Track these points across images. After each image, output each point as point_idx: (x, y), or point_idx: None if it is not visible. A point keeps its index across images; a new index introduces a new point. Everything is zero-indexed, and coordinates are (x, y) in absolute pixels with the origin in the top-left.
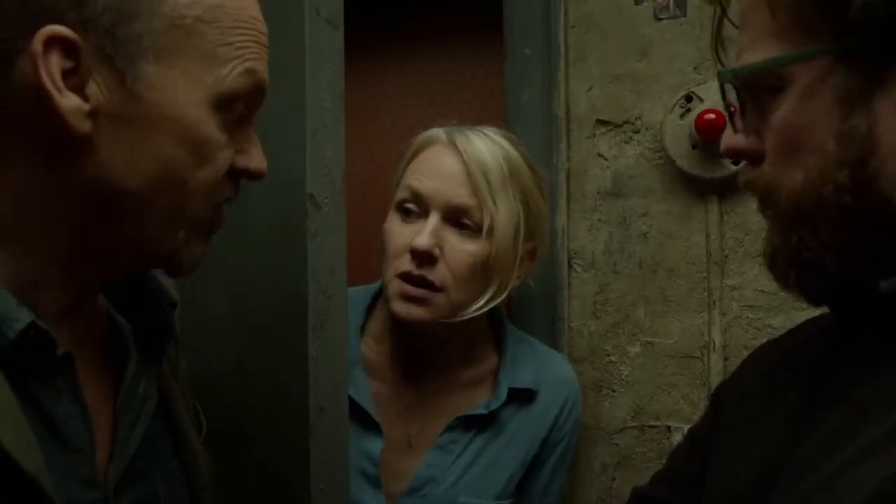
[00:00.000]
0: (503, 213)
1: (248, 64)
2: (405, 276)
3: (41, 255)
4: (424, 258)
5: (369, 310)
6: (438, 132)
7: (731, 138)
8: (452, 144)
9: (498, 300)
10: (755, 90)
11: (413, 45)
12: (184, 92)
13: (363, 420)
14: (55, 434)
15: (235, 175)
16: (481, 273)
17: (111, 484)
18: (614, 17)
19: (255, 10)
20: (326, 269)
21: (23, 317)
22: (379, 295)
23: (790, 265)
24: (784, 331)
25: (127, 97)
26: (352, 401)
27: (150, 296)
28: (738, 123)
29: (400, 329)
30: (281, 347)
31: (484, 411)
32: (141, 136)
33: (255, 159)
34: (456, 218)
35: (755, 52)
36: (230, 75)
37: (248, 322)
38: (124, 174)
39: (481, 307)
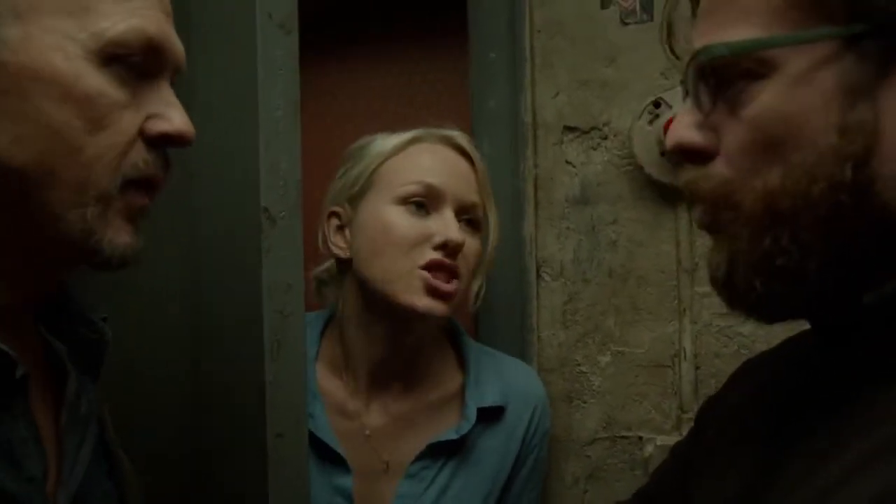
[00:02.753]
0: (494, 213)
1: (133, 20)
2: (436, 266)
3: None
4: (456, 252)
5: (321, 336)
6: (419, 131)
7: (684, 131)
8: (450, 142)
9: (480, 299)
10: (727, 77)
11: (375, 50)
12: (55, 50)
13: (328, 456)
14: (13, 461)
15: (154, 142)
16: (480, 270)
17: None
18: (581, 22)
19: None
20: (283, 287)
21: None
22: (330, 321)
23: (758, 273)
24: (755, 338)
25: None
26: (315, 437)
27: (76, 312)
28: (688, 118)
29: (367, 346)
30: (236, 370)
31: (455, 436)
32: (18, 104)
33: (175, 121)
34: (464, 214)
35: (737, 30)
36: (112, 28)
37: (202, 344)
38: (10, 148)
39: (477, 299)
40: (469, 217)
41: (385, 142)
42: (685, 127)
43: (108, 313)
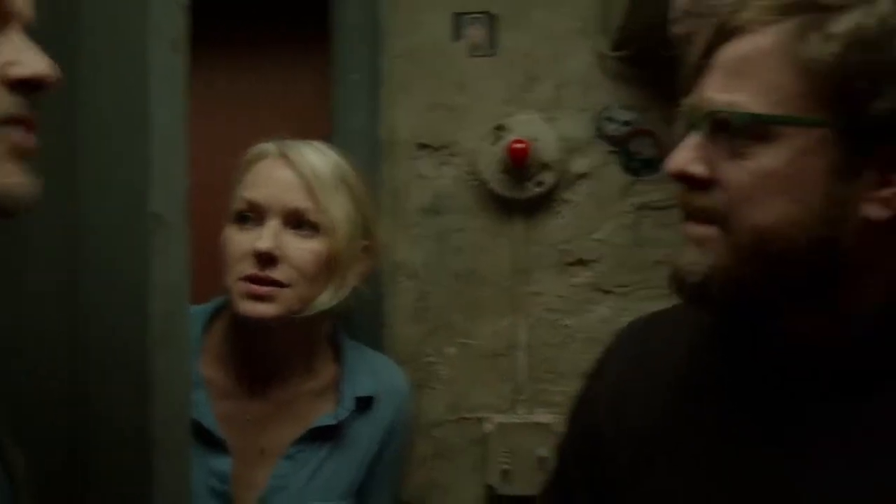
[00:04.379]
0: (337, 212)
1: None
2: (250, 278)
3: None
4: (267, 259)
5: (207, 328)
6: (269, 146)
7: (685, 162)
8: (283, 156)
9: (342, 295)
10: (738, 131)
11: (244, 63)
12: None
13: (208, 440)
14: None
15: (15, 87)
16: (325, 269)
17: None
18: (434, 51)
19: None
20: (170, 287)
21: None
22: (217, 313)
23: (731, 289)
24: (577, 329)
25: None
26: (196, 422)
27: None
28: (691, 151)
29: (243, 341)
30: (123, 365)
31: (333, 422)
32: None
33: (30, 65)
34: (294, 221)
35: (758, 102)
36: None
37: (90, 342)
38: None
39: (329, 300)
40: (298, 222)
41: (245, 159)
42: (688, 159)
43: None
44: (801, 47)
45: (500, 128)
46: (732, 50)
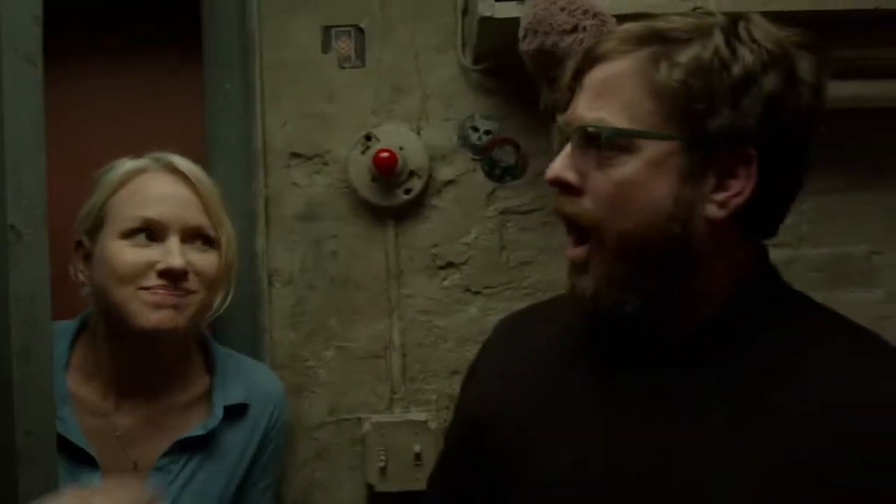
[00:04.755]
0: (228, 226)
1: None
2: (162, 288)
3: None
4: (179, 276)
5: (73, 344)
6: (145, 160)
7: (561, 170)
8: (172, 171)
9: (228, 301)
10: (606, 144)
11: (113, 73)
12: None
13: (77, 455)
14: None
15: None
16: (220, 280)
17: None
18: (304, 62)
19: None
20: (29, 298)
21: None
22: (82, 328)
23: (615, 290)
24: (448, 330)
25: None
26: (65, 439)
27: None
28: (566, 161)
29: (114, 355)
30: None
31: (202, 432)
32: None
33: None
34: (193, 236)
35: (620, 118)
36: None
37: None
38: None
39: (218, 308)
40: (200, 237)
41: (113, 174)
42: (563, 167)
43: None
44: (653, 73)
45: (368, 137)
46: (598, 74)
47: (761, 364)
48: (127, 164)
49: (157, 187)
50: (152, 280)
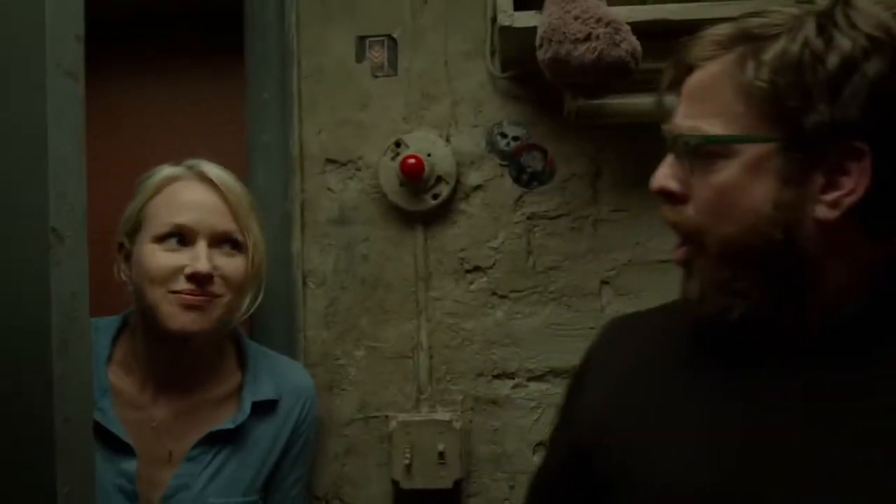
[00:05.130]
0: (256, 231)
1: None
2: (190, 292)
3: None
4: (205, 280)
5: (115, 340)
6: (180, 168)
7: (664, 180)
8: (202, 179)
9: (257, 304)
10: (703, 151)
11: (161, 78)
12: None
13: (116, 444)
14: None
15: None
16: (248, 283)
17: None
18: (340, 71)
19: None
20: (69, 295)
21: None
22: (124, 326)
23: (721, 296)
24: (474, 332)
25: None
26: (103, 428)
27: None
28: (667, 170)
29: (157, 352)
30: (28, 366)
31: (231, 426)
32: None
33: None
34: (221, 241)
35: (715, 124)
36: None
37: None
38: None
39: (247, 310)
40: (227, 242)
41: (151, 180)
42: (666, 177)
43: None
44: (740, 74)
45: (398, 144)
46: (693, 80)
47: (888, 368)
48: (163, 172)
49: (188, 194)
50: (181, 284)
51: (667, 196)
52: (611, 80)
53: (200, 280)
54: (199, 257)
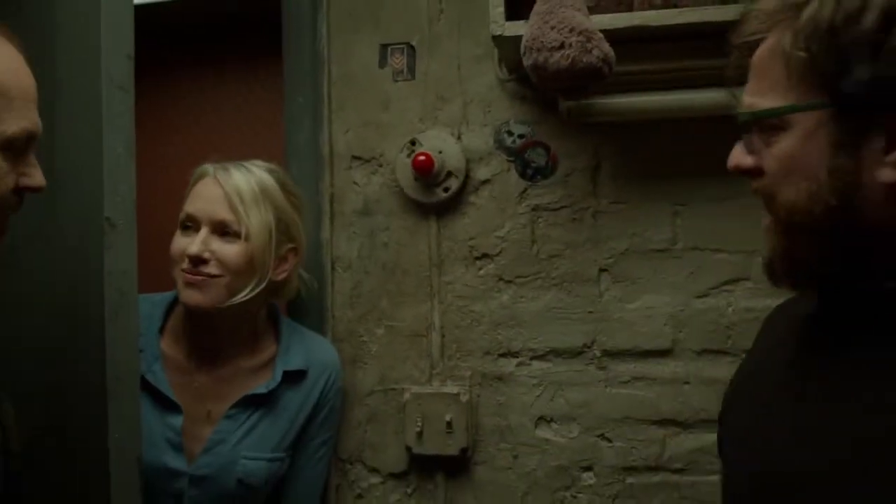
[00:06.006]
0: (255, 223)
1: (23, 121)
2: (186, 271)
3: None
4: (197, 261)
5: (168, 312)
6: (208, 167)
7: (738, 157)
8: (215, 177)
9: (260, 287)
10: (763, 125)
11: (208, 82)
12: None
13: (165, 402)
14: None
15: (20, 191)
16: (247, 268)
17: None
18: (364, 76)
19: (28, 81)
20: (120, 273)
21: None
22: (175, 301)
23: (785, 262)
24: (483, 314)
25: None
26: (155, 388)
27: None
28: (739, 148)
29: (194, 325)
30: (83, 334)
31: (264, 391)
32: None
33: (36, 178)
34: (220, 229)
35: (769, 98)
36: (10, 129)
37: (61, 312)
38: None
39: (249, 292)
40: (223, 230)
41: (193, 178)
42: (739, 154)
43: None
44: (782, 45)
45: (413, 142)
46: (754, 58)
47: None
48: (197, 170)
49: (200, 188)
50: (185, 264)
51: (742, 173)
52: (587, 83)
53: (194, 260)
54: (195, 241)
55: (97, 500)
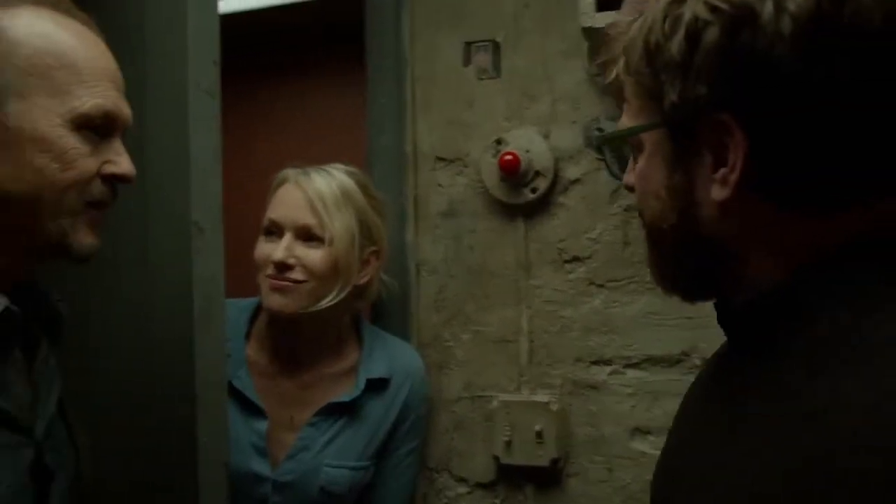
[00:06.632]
0: (338, 227)
1: (97, 98)
2: (275, 277)
3: None
4: (282, 267)
5: (253, 318)
6: (288, 173)
7: (626, 176)
8: (296, 182)
9: (345, 292)
10: (632, 144)
11: (291, 87)
12: (42, 118)
13: (250, 407)
14: (6, 393)
15: (107, 179)
16: (331, 273)
17: (40, 434)
18: (449, 76)
19: (105, 62)
20: (208, 278)
21: None
22: (259, 307)
23: (652, 270)
24: (574, 319)
25: (2, 128)
26: (241, 394)
27: (41, 297)
28: (630, 166)
29: (278, 331)
30: (173, 338)
31: (346, 399)
32: (16, 153)
33: (122, 165)
34: (303, 234)
35: (627, 118)
36: (82, 105)
37: (150, 317)
38: (10, 181)
39: (334, 297)
40: (306, 235)
41: (274, 183)
42: (627, 173)
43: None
44: (619, 68)
45: (499, 141)
46: (613, 80)
47: (784, 362)
48: (279, 176)
49: (282, 194)
50: (270, 270)
51: (630, 190)
52: None
53: (280, 266)
54: (280, 247)
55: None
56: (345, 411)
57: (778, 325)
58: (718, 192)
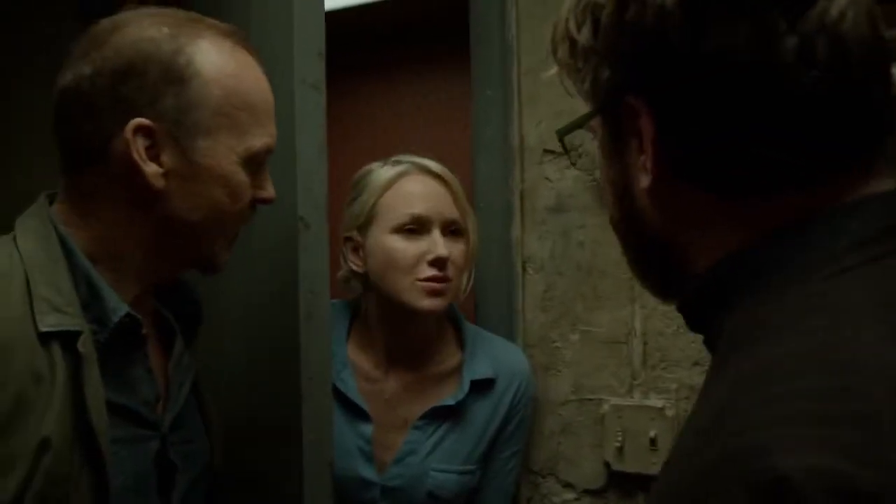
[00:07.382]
0: (472, 218)
1: (266, 137)
2: (434, 279)
3: (124, 264)
4: (444, 263)
5: (353, 320)
6: (403, 165)
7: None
8: (428, 171)
9: (469, 286)
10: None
11: (392, 82)
12: (224, 156)
13: (355, 409)
14: (134, 390)
15: (254, 203)
16: (467, 266)
17: (166, 427)
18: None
19: (271, 98)
20: (313, 274)
21: (122, 308)
22: (356, 310)
23: (632, 270)
24: None
25: (188, 163)
26: (344, 396)
27: (185, 295)
28: None
29: (384, 333)
30: (280, 333)
31: (452, 402)
32: (199, 187)
33: (269, 190)
34: (450, 228)
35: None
36: (256, 144)
37: (256, 313)
38: (188, 212)
39: (465, 292)
40: (453, 229)
41: (379, 176)
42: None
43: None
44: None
45: None
46: None
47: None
48: (392, 169)
49: (419, 187)
50: (425, 270)
51: None
52: None
53: (442, 264)
54: (438, 243)
55: (291, 502)
56: (450, 414)
57: (707, 315)
58: (644, 180)
